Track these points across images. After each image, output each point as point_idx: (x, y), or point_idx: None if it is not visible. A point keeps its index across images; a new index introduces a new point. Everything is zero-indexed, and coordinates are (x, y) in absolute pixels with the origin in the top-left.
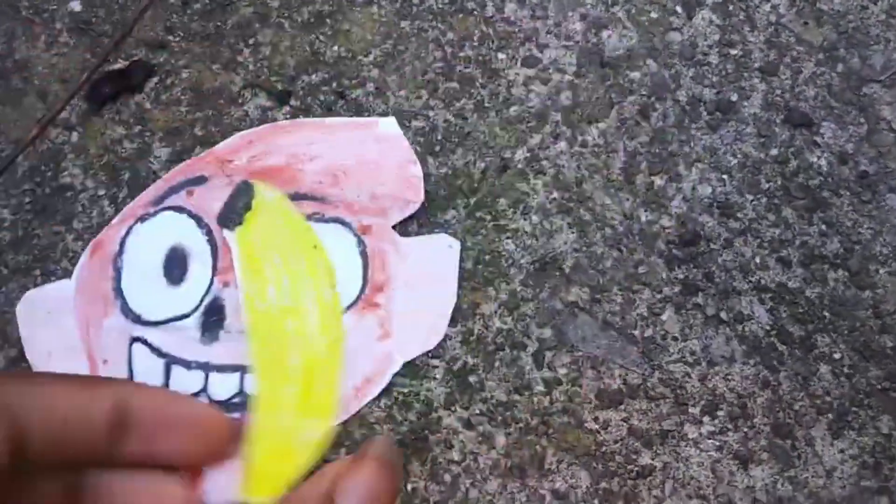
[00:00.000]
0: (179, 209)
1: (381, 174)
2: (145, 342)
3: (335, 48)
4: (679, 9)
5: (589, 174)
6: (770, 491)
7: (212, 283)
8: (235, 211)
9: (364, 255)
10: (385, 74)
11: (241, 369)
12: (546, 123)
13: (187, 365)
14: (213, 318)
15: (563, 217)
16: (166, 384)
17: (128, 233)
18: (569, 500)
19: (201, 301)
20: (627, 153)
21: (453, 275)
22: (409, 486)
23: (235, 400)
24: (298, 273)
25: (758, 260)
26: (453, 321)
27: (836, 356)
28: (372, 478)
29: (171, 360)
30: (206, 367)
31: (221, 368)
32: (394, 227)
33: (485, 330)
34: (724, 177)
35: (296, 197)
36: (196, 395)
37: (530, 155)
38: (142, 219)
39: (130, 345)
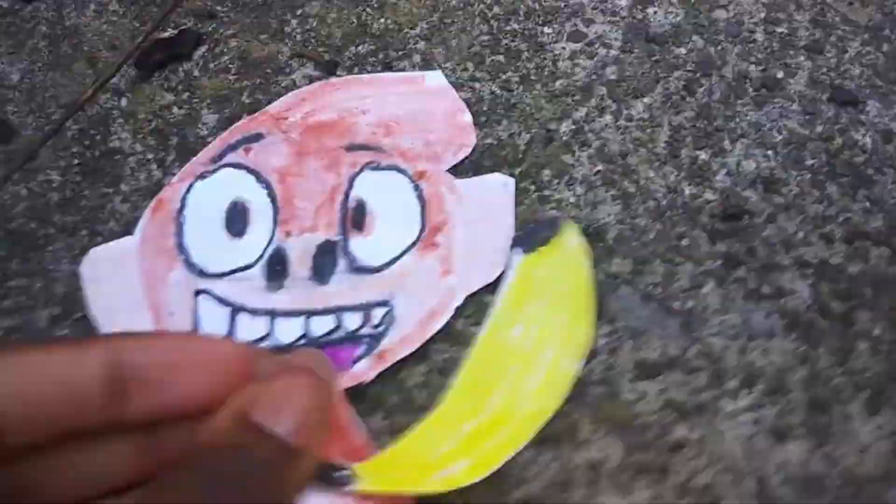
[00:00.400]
0: (238, 165)
1: (432, 122)
2: (210, 294)
3: (381, 21)
4: None
5: (634, 148)
6: (804, 466)
7: (273, 233)
8: (535, 238)
9: (421, 198)
10: (431, 47)
11: (306, 314)
12: (592, 97)
13: (253, 312)
14: (276, 267)
15: (607, 189)
16: (232, 332)
17: (188, 190)
18: (602, 471)
19: (264, 251)
20: (672, 127)
21: (510, 210)
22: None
23: (301, 342)
24: (553, 329)
25: (801, 235)
26: (493, 290)
27: (876, 333)
28: (293, 390)
29: (236, 309)
30: (272, 314)
31: (286, 314)
32: (448, 171)
33: None
34: (769, 153)
35: (352, 147)
36: (261, 339)
37: (575, 127)
38: (202, 176)
39: (195, 297)
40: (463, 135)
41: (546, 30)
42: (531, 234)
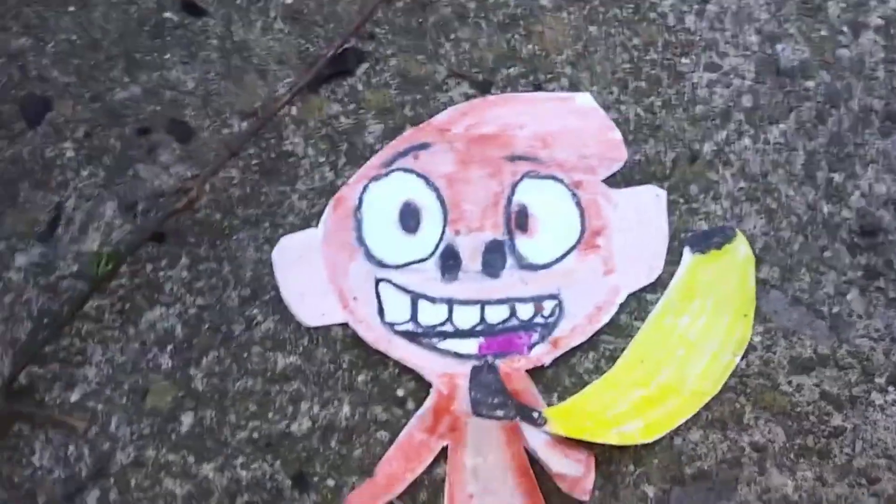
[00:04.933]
0: (408, 170)
1: (584, 138)
2: (390, 282)
3: (530, 46)
4: (846, 29)
5: (772, 168)
6: None
7: (444, 231)
8: (709, 241)
9: (579, 205)
10: (577, 72)
11: (481, 303)
12: (730, 122)
13: (432, 300)
14: (449, 262)
15: (751, 204)
16: (414, 316)
17: (364, 190)
18: (767, 453)
19: (436, 247)
20: (807, 152)
21: (663, 219)
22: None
23: (479, 328)
24: (717, 323)
25: None
26: (653, 290)
27: None
28: None
29: (416, 296)
30: (450, 301)
31: (464, 302)
32: (602, 182)
33: None
34: None
35: (512, 158)
36: (442, 324)
37: (717, 148)
38: (375, 178)
39: (377, 285)
40: (614, 150)
41: (683, 60)
42: (705, 237)
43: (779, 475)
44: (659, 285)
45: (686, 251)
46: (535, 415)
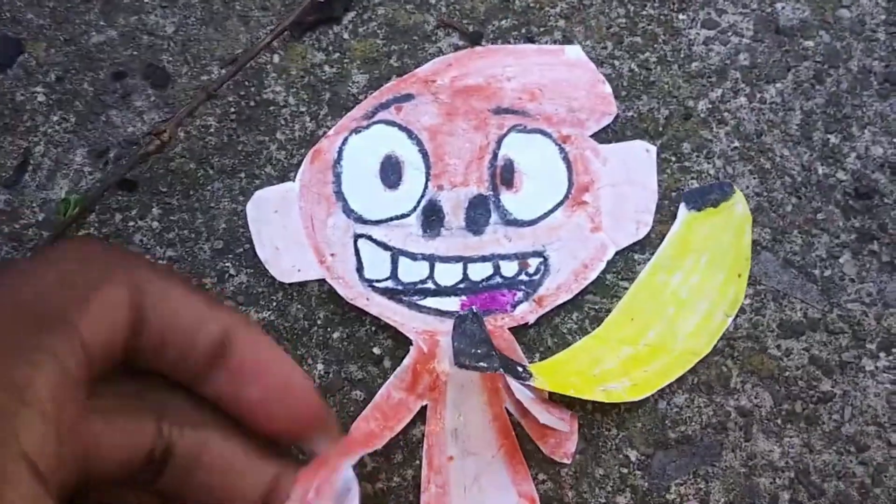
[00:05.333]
0: (390, 122)
1: (573, 91)
2: (370, 238)
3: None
4: None
5: (768, 128)
6: None
7: (426, 186)
8: (705, 198)
9: (567, 160)
10: (571, 25)
11: (464, 260)
12: (726, 80)
13: (413, 256)
14: (431, 218)
15: (744, 164)
16: (394, 273)
17: (344, 142)
18: (753, 418)
19: (418, 203)
20: (804, 112)
21: (652, 175)
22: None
23: (461, 286)
24: (710, 282)
25: None
26: (642, 249)
27: None
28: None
29: (397, 253)
30: (431, 258)
31: (446, 259)
32: (591, 137)
33: None
34: (895, 140)
35: (498, 111)
36: (423, 281)
37: (712, 106)
38: (356, 130)
39: (355, 241)
40: (604, 104)
41: (680, 16)
42: (702, 194)
43: (765, 441)
44: (648, 244)
45: (682, 207)
46: (520, 369)
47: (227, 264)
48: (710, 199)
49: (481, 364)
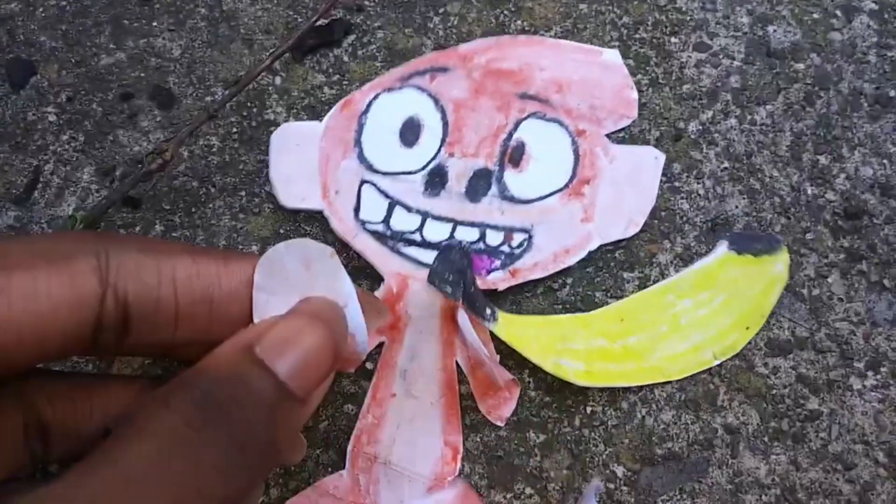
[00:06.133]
0: (421, 89)
1: (600, 91)
2: (374, 185)
3: (518, 22)
4: (839, 13)
5: (758, 149)
6: None
7: (439, 151)
8: (750, 245)
9: (576, 152)
10: None
11: (454, 222)
12: (717, 102)
13: (408, 208)
14: (436, 179)
15: (734, 184)
16: (387, 219)
17: (374, 98)
18: (740, 435)
19: (428, 164)
20: (794, 133)
21: (655, 182)
22: (588, 409)
23: (445, 243)
24: (715, 321)
25: None
26: (631, 268)
27: None
28: (301, 333)
29: (394, 202)
30: (425, 214)
31: (438, 217)
32: (606, 136)
33: (661, 277)
34: (885, 161)
35: (524, 96)
36: (412, 233)
37: (702, 128)
38: (389, 89)
39: (360, 185)
40: (626, 107)
41: (673, 39)
42: (748, 240)
43: (752, 458)
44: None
45: (722, 244)
46: (489, 311)
47: None
48: (754, 248)
49: (447, 288)
